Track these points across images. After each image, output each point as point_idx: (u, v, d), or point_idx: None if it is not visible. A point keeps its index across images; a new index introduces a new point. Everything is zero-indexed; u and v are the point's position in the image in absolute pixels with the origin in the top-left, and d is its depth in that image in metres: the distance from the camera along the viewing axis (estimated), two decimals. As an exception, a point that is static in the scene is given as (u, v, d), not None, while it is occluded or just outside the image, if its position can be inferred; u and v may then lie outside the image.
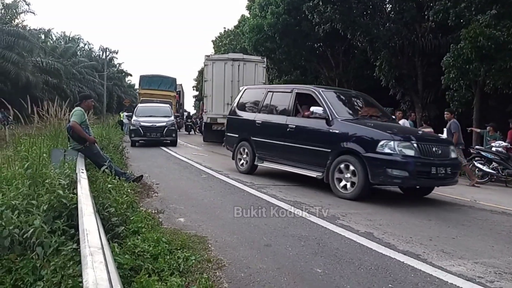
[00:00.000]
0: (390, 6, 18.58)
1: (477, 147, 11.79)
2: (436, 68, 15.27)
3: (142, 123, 16.21)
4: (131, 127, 16.57)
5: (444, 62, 13.29)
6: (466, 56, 12.40)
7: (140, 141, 16.42)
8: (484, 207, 6.99)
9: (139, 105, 19.13)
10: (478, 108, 14.53)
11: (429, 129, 13.50)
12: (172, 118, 17.78)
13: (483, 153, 10.85)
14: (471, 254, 4.16)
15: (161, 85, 27.31)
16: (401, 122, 12.04)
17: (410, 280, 3.41)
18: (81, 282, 2.11)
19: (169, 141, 16.76)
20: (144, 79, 27.80)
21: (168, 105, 21.87)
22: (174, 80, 28.91)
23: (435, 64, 15.59)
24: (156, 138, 16.23)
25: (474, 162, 10.78)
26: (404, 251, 4.14)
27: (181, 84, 33.34)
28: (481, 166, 10.59)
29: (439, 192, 8.16)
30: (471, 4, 12.67)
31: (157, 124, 16.34)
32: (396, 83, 18.19)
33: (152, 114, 17.30)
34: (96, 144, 7.17)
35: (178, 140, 20.96)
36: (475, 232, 5.18)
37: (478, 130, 13.18)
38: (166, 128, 16.40)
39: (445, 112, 11.33)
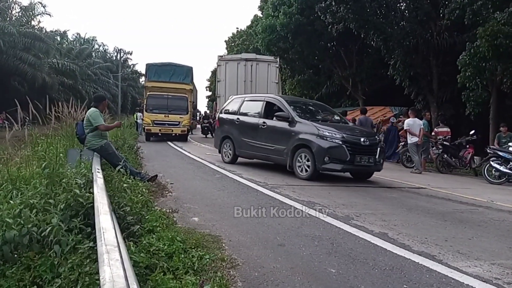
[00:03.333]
0: (404, 4, 18.43)
1: (493, 147, 11.61)
2: (452, 67, 15.09)
3: (345, 136, 8.59)
4: (317, 142, 8.54)
5: (460, 60, 13.12)
6: (482, 55, 12.23)
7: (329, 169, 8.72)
8: (501, 208, 6.87)
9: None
10: (495, 107, 14.32)
11: (446, 129, 13.37)
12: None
13: (500, 153, 10.68)
14: (487, 255, 4.10)
15: (173, 76, 21.54)
16: (418, 122, 11.93)
17: (425, 281, 3.37)
18: (98, 279, 2.15)
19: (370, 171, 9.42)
20: (152, 69, 21.67)
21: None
22: (190, 69, 22.16)
23: (451, 63, 15.41)
24: (367, 165, 8.84)
25: (490, 162, 10.61)
26: (419, 251, 4.10)
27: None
28: (498, 166, 10.42)
29: (455, 192, 8.08)
30: (488, 1, 12.49)
31: (370, 141, 8.85)
32: (411, 82, 18.04)
33: (318, 114, 10.26)
34: (111, 145, 7.26)
35: (190, 139, 20.86)
36: (492, 233, 5.10)
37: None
38: (379, 149, 9.12)
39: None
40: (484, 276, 3.50)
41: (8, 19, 30.10)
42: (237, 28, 46.24)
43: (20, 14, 32.27)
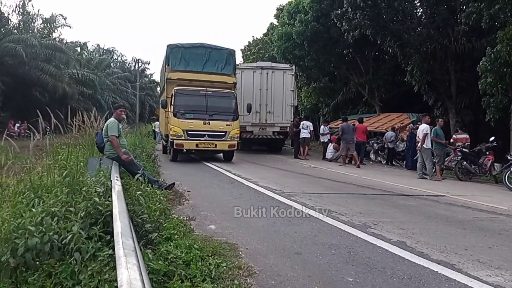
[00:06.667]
0: (421, 10, 18.27)
1: (514, 153, 11.36)
2: (471, 73, 14.82)
3: None
4: None
5: (480, 66, 12.89)
6: (503, 60, 12.00)
7: None
8: (523, 216, 6.71)
9: None
10: (515, 113, 14.01)
11: (464, 135, 13.13)
12: None
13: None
14: (509, 264, 4.01)
15: (208, 64, 14.56)
16: (421, 127, 11.73)
17: (445, 290, 3.33)
18: (117, 287, 2.19)
19: None
20: (176, 53, 14.61)
21: None
22: (232, 54, 15.31)
23: (470, 68, 15.14)
24: None
25: (511, 169, 10.38)
26: (438, 260, 4.04)
27: None
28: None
29: (475, 200, 7.93)
30: (506, 5, 12.27)
31: None
32: (429, 88, 17.80)
33: None
34: (129, 153, 7.36)
35: None
36: (514, 241, 4.99)
37: None
38: None
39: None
40: (505, 286, 3.43)
41: (30, 31, 30.95)
42: (253, 36, 46.37)
43: (42, 26, 33.18)
